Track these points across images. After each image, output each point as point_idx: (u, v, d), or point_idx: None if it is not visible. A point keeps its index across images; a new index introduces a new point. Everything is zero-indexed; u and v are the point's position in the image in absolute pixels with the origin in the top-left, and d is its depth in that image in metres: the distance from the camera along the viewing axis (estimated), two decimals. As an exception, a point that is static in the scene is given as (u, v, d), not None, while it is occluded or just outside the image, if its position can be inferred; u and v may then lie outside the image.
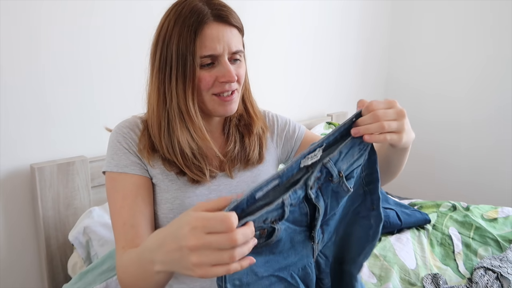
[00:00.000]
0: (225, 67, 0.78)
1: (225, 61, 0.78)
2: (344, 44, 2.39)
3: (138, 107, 1.41)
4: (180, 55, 0.76)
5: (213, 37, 0.77)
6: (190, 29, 0.76)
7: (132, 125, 0.85)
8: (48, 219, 1.26)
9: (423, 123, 2.70)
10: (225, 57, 0.78)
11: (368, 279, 1.22)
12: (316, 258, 0.71)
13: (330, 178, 0.65)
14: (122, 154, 0.81)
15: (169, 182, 0.82)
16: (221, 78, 0.78)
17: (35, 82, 1.24)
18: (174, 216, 0.80)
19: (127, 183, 0.80)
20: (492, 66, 2.39)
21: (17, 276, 1.30)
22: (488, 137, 2.47)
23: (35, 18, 1.21)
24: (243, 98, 0.90)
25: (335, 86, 2.41)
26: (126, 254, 0.73)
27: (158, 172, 0.82)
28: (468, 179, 2.57)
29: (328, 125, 2.16)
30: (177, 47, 0.77)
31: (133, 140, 0.83)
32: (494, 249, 1.42)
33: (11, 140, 1.23)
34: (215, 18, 0.77)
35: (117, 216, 0.79)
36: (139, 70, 1.46)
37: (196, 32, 0.76)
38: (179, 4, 0.79)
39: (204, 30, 0.76)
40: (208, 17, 0.77)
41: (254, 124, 0.90)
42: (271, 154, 0.95)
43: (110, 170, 0.81)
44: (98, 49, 1.35)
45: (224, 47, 0.77)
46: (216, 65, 0.79)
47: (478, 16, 2.39)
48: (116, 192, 0.80)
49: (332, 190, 0.67)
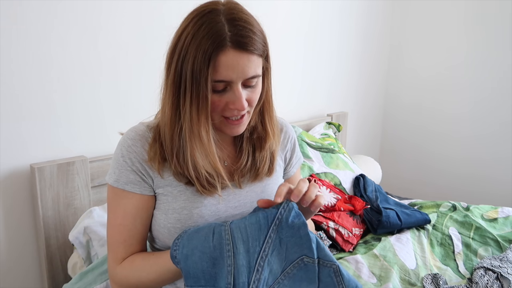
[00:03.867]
0: (236, 95, 0.74)
1: (237, 88, 0.74)
2: (344, 44, 2.39)
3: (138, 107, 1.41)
4: (194, 78, 0.72)
5: (228, 65, 0.71)
6: (205, 54, 0.70)
7: (138, 135, 0.82)
8: (48, 219, 1.26)
9: (423, 122, 2.70)
10: (238, 84, 0.74)
11: (368, 279, 1.22)
12: None
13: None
14: (124, 170, 0.80)
15: (177, 193, 0.81)
16: (231, 105, 0.75)
17: (35, 82, 1.24)
18: (182, 226, 0.80)
19: (128, 203, 0.81)
20: (493, 65, 2.39)
21: (17, 276, 1.30)
22: (488, 137, 2.47)
23: (35, 18, 1.21)
24: (262, 110, 0.86)
25: (335, 86, 2.41)
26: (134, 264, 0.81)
27: (167, 184, 0.81)
28: (468, 179, 2.57)
29: (328, 125, 2.16)
30: (191, 68, 0.72)
31: (137, 153, 0.81)
32: (494, 249, 1.42)
33: (11, 140, 1.22)
34: (233, 45, 0.71)
35: (116, 231, 0.82)
36: (138, 70, 1.47)
37: (211, 58, 0.70)
38: (200, 16, 0.73)
39: (220, 57, 0.71)
40: (225, 43, 0.70)
41: (268, 139, 0.87)
42: (280, 165, 0.96)
43: (111, 183, 0.82)
44: (98, 49, 1.35)
45: (238, 76, 0.73)
46: (228, 90, 0.75)
47: (479, 16, 2.39)
48: (116, 207, 0.82)
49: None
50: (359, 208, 1.54)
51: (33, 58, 1.23)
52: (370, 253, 1.34)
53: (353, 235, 1.44)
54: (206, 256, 0.72)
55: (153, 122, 0.85)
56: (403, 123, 2.80)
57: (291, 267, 0.74)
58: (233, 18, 0.72)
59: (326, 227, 1.42)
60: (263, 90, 0.83)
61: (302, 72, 2.17)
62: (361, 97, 2.63)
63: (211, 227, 0.75)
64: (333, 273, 0.74)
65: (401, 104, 2.79)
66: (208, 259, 0.72)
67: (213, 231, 0.74)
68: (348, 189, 1.72)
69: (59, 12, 1.25)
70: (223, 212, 0.83)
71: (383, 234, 1.49)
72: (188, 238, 0.75)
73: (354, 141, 2.64)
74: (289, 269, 0.74)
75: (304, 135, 1.86)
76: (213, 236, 0.73)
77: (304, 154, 1.76)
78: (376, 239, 1.46)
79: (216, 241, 0.73)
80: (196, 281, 0.73)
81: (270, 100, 0.86)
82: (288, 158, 0.99)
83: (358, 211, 1.54)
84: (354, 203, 1.56)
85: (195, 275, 0.73)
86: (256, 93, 0.79)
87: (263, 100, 0.84)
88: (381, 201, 1.64)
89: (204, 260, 0.72)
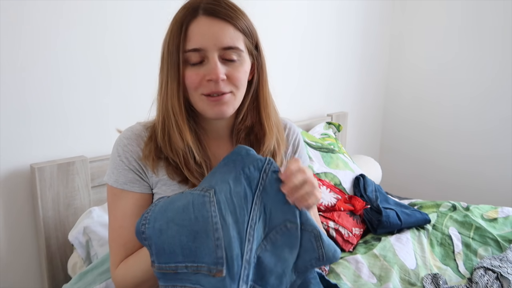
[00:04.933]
0: (211, 65, 0.73)
1: (212, 57, 0.73)
2: (344, 44, 2.39)
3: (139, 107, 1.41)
4: (170, 52, 0.74)
5: (199, 31, 0.72)
6: (179, 24, 0.74)
7: (134, 134, 0.82)
8: (48, 219, 1.26)
9: (424, 121, 2.70)
10: (213, 53, 0.73)
11: (368, 279, 1.22)
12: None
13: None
14: (121, 170, 0.80)
15: (171, 192, 0.80)
16: (207, 76, 0.74)
17: (35, 82, 1.24)
18: None
19: (127, 202, 0.81)
20: (494, 64, 2.39)
21: (17, 276, 1.30)
22: (488, 137, 2.47)
23: (38, 18, 1.21)
24: (258, 107, 0.83)
25: (335, 86, 2.41)
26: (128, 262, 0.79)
27: (161, 182, 0.81)
28: (468, 179, 2.57)
29: (328, 125, 2.16)
30: (167, 44, 0.75)
31: (133, 152, 0.81)
32: (494, 249, 1.42)
33: (11, 140, 1.22)
34: (205, 12, 0.73)
35: (116, 234, 0.81)
36: (138, 70, 1.47)
37: (182, 27, 0.73)
38: (185, 2, 0.78)
39: (191, 25, 0.73)
40: (198, 12, 0.73)
41: (266, 139, 0.83)
42: (284, 165, 0.93)
43: (110, 184, 0.81)
44: (97, 50, 1.35)
45: (210, 42, 0.72)
46: (205, 63, 0.74)
47: (478, 11, 2.39)
48: (116, 208, 0.82)
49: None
50: (359, 208, 1.54)
51: (33, 58, 1.23)
52: (370, 253, 1.34)
53: (353, 235, 1.44)
54: (185, 230, 0.66)
55: (150, 121, 0.85)
56: (403, 122, 2.80)
57: (273, 232, 0.72)
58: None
59: (326, 227, 1.42)
60: (257, 85, 0.82)
61: (302, 72, 2.17)
62: (361, 97, 2.63)
63: (188, 197, 0.69)
64: (313, 238, 0.71)
65: (401, 102, 2.79)
66: (188, 232, 0.66)
67: (192, 202, 0.68)
68: (348, 189, 1.72)
69: (62, 13, 1.25)
70: None
71: (383, 234, 1.49)
72: (160, 210, 0.69)
73: (354, 141, 2.64)
74: (271, 234, 0.71)
75: (304, 135, 1.86)
76: (193, 207, 0.67)
77: (304, 154, 1.76)
78: (376, 239, 1.46)
79: (197, 213, 0.67)
80: (172, 258, 0.66)
81: (267, 97, 0.84)
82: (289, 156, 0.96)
83: (358, 211, 1.54)
84: (354, 203, 1.56)
85: (172, 251, 0.66)
86: (240, 71, 0.76)
87: (259, 96, 0.82)
88: (381, 201, 1.64)
89: (184, 234, 0.66)
